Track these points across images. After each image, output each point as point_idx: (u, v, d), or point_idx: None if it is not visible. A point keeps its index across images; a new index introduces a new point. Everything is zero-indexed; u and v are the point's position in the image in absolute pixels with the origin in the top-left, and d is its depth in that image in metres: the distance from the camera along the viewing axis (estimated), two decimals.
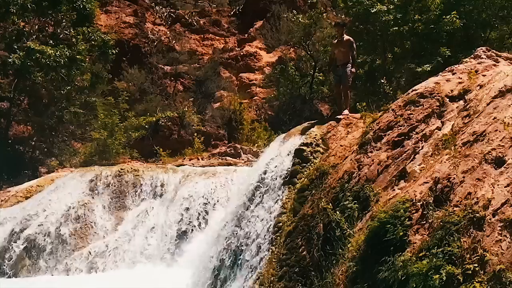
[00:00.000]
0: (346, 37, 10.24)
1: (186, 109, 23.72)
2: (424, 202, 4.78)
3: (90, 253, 12.40)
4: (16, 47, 19.51)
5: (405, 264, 4.25)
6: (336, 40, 10.45)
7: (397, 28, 15.73)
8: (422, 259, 4.14)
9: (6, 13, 19.56)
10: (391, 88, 7.90)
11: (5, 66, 19.50)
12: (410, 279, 4.07)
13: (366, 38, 17.29)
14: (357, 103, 8.49)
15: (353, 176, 6.58)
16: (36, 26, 21.16)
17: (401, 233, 4.61)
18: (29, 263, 12.22)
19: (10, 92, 21.35)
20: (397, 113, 6.85)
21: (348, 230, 5.73)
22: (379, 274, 4.46)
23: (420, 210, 4.75)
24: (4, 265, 12.36)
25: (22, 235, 12.78)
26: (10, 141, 21.25)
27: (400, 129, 6.54)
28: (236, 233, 8.58)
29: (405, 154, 6.07)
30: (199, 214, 12.53)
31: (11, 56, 18.88)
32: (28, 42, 19.29)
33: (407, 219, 4.74)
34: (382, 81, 9.38)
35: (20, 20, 20.30)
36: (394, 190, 5.65)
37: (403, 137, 6.41)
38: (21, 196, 15.66)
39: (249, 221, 8.55)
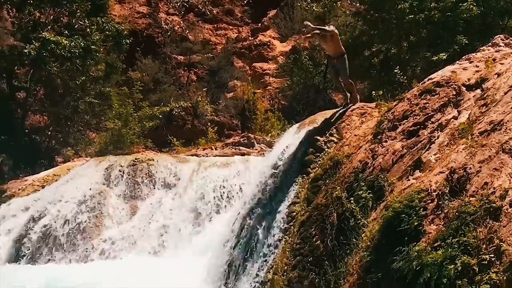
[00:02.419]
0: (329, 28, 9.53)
1: (200, 99, 23.77)
2: (440, 192, 4.73)
3: (105, 242, 12.57)
4: (32, 37, 19.70)
5: (420, 254, 4.22)
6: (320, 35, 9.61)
7: (413, 16, 15.48)
8: (437, 249, 4.10)
9: (23, 4, 19.76)
10: (406, 77, 7.79)
11: (21, 57, 19.74)
12: (425, 269, 4.04)
13: (381, 26, 17.08)
14: (372, 92, 8.37)
15: (367, 165, 6.54)
16: (52, 17, 21.33)
17: (416, 223, 4.58)
18: (46, 251, 12.43)
19: (26, 82, 21.62)
20: (412, 102, 6.77)
21: (362, 220, 5.71)
22: (394, 264, 4.44)
23: (436, 200, 4.71)
24: (22, 253, 12.59)
25: (39, 223, 12.99)
26: (26, 131, 21.56)
27: (416, 118, 6.46)
28: (250, 223, 8.61)
29: (420, 144, 6.01)
30: (213, 203, 12.60)
31: (27, 47, 19.08)
32: (43, 33, 19.46)
33: (422, 209, 4.70)
34: (397, 70, 9.20)
35: (36, 10, 20.47)
36: (409, 180, 5.61)
37: (418, 126, 6.34)
38: (37, 185, 15.91)
39: (263, 211, 8.57)
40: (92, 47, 20.14)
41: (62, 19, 21.69)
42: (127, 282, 9.51)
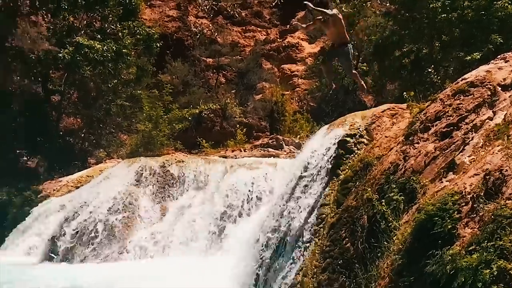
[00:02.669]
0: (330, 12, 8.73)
1: (228, 101, 23.94)
2: (474, 195, 4.61)
3: (136, 242, 12.78)
4: (66, 42, 20.28)
5: (454, 258, 4.12)
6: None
7: (445, 15, 15.18)
8: (471, 253, 4.00)
9: (58, 9, 20.35)
10: (439, 77, 7.64)
11: (56, 61, 20.37)
12: (459, 273, 3.95)
13: (412, 26, 16.81)
14: (404, 93, 8.23)
15: (398, 167, 6.43)
16: (85, 22, 21.93)
17: (449, 226, 4.47)
18: (80, 250, 12.73)
19: (60, 86, 22.29)
20: (445, 103, 6.62)
21: (393, 222, 5.62)
22: (426, 267, 4.35)
23: (470, 203, 4.59)
24: (57, 252, 12.94)
25: (73, 223, 13.32)
26: (61, 133, 22.20)
27: (449, 119, 6.32)
28: (279, 224, 8.61)
29: (454, 145, 5.87)
30: (242, 205, 12.65)
31: (61, 51, 19.65)
32: (77, 37, 20.01)
33: (456, 212, 4.58)
34: (429, 70, 8.98)
35: (70, 16, 21.07)
36: (442, 182, 5.48)
37: (452, 127, 6.20)
38: (72, 186, 16.37)
39: (292, 213, 8.55)
40: (124, 50, 20.61)
41: (95, 23, 22.27)
42: (158, 282, 9.65)
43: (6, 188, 18.04)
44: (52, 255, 12.99)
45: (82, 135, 23.03)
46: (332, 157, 8.62)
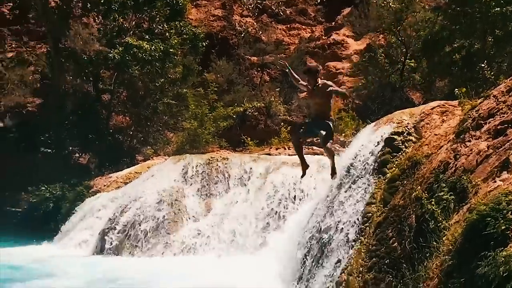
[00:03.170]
0: (321, 82, 6.93)
1: (273, 99, 23.96)
2: None
3: (182, 237, 13.04)
4: (116, 42, 20.93)
5: (508, 259, 3.97)
6: (310, 89, 7.00)
7: (499, 9, 14.56)
8: None
9: (108, 11, 21.03)
10: (492, 73, 7.34)
11: (107, 61, 21.04)
12: None
13: (463, 20, 16.23)
14: (455, 90, 7.95)
15: (449, 166, 6.24)
16: (134, 22, 22.53)
17: (503, 227, 4.30)
18: (129, 244, 13.13)
19: (110, 85, 23.04)
20: (499, 100, 6.36)
21: (443, 222, 5.46)
22: (478, 269, 4.21)
23: None
24: (107, 245, 13.40)
25: (122, 218, 13.77)
26: (111, 131, 22.94)
27: (503, 116, 6.07)
28: (324, 223, 8.55)
29: (508, 143, 5.63)
30: (286, 202, 12.65)
31: (111, 51, 20.30)
32: (126, 38, 20.61)
33: (510, 213, 4.40)
34: (482, 65, 8.62)
35: (120, 17, 21.71)
36: (495, 181, 5.28)
37: (506, 125, 5.94)
38: (121, 182, 16.90)
39: (337, 211, 8.48)
40: (171, 50, 21.03)
41: (143, 24, 22.84)
42: (202, 278, 9.81)
43: (60, 184, 18.85)
44: (103, 248, 13.47)
45: (131, 132, 23.71)
46: (378, 155, 8.47)
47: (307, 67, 7.48)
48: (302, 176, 7.16)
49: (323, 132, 6.62)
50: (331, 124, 6.78)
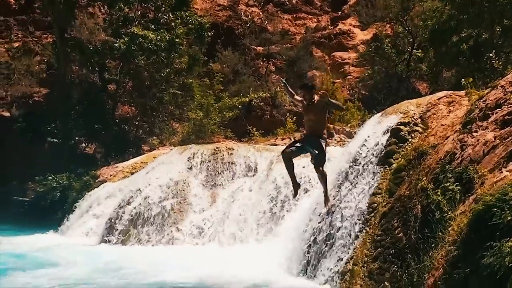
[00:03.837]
0: (317, 98, 6.58)
1: (278, 90, 23.89)
2: None
3: (188, 227, 13.10)
4: (122, 32, 20.90)
5: None
6: (305, 104, 6.68)
7: None
8: None
9: (114, 1, 21.01)
10: (500, 63, 7.27)
11: (112, 51, 21.05)
12: None
13: (471, 10, 16.06)
14: (462, 80, 7.89)
15: (455, 157, 6.22)
16: (139, 12, 22.47)
17: (509, 218, 4.29)
18: (135, 233, 13.21)
19: (116, 75, 23.05)
20: (507, 90, 6.32)
21: (449, 213, 5.46)
22: (483, 259, 4.21)
23: None
24: (113, 234, 13.48)
25: (128, 207, 13.82)
26: (117, 121, 22.99)
27: (511, 107, 6.03)
28: (329, 213, 8.56)
29: None
30: (291, 192, 12.62)
31: (117, 41, 20.29)
32: (132, 28, 20.57)
33: None
34: (490, 55, 8.53)
35: (126, 6, 21.66)
36: (501, 172, 5.26)
37: None
38: (127, 172, 16.96)
39: (343, 201, 8.48)
40: (176, 40, 20.99)
41: (148, 14, 22.79)
42: (207, 268, 9.85)
43: (66, 173, 18.97)
44: (109, 237, 13.56)
45: (136, 123, 23.77)
46: (384, 146, 8.45)
47: (303, 82, 7.28)
48: (294, 196, 6.94)
49: (316, 151, 6.35)
50: (324, 144, 6.43)
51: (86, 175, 18.24)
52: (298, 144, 6.57)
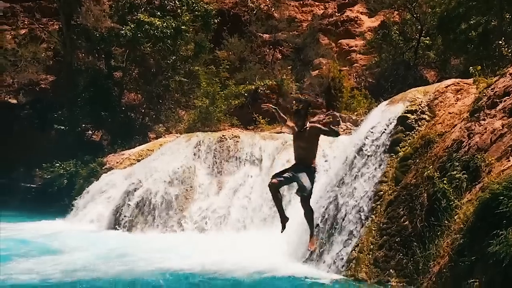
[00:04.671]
0: (309, 125, 6.19)
1: (285, 77, 23.77)
2: None
3: (194, 214, 13.16)
4: (128, 19, 20.83)
5: None
6: (296, 131, 6.29)
7: None
8: None
9: None
10: (509, 50, 7.17)
11: (118, 38, 20.98)
12: None
13: None
14: (470, 68, 7.80)
15: (462, 145, 6.19)
16: None
17: None
18: (141, 220, 13.31)
19: (122, 62, 23.01)
20: None
21: (455, 201, 5.45)
22: (489, 247, 4.21)
23: None
24: (120, 221, 13.59)
25: (135, 194, 13.91)
26: (123, 108, 23.02)
27: None
28: (335, 201, 8.56)
29: None
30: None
31: (123, 28, 20.23)
32: (138, 15, 20.48)
33: None
34: (500, 42, 8.40)
35: None
36: (509, 160, 5.23)
37: None
38: (133, 159, 17.02)
39: (348, 189, 8.47)
40: (182, 27, 20.90)
41: (155, 1, 22.65)
42: (212, 253, 9.91)
43: (73, 160, 19.08)
44: (115, 224, 13.67)
45: (143, 110, 23.79)
46: (391, 134, 8.41)
47: (295, 108, 6.52)
48: (282, 231, 6.36)
49: (305, 184, 5.77)
50: (313, 176, 5.96)
51: (93, 162, 18.33)
52: (286, 175, 6.06)
